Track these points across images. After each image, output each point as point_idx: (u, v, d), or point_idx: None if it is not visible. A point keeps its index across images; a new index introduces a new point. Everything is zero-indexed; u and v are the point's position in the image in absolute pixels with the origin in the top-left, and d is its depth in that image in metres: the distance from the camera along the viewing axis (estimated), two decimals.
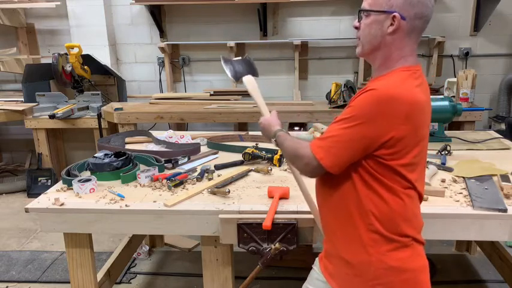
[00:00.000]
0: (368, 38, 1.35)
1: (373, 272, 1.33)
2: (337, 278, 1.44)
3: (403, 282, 1.34)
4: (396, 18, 1.28)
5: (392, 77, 1.30)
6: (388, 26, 1.30)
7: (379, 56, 1.35)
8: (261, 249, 1.73)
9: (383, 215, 1.32)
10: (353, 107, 1.27)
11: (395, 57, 1.33)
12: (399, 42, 1.31)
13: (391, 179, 1.30)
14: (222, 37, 4.58)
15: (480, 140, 2.67)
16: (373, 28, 1.33)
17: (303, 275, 2.93)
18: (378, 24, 1.31)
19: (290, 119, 3.88)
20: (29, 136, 4.48)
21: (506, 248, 2.70)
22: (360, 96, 1.27)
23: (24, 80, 4.33)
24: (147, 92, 4.74)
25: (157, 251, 3.25)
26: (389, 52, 1.33)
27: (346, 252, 1.39)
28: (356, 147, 1.27)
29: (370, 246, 1.34)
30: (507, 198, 1.81)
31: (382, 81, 1.29)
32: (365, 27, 1.35)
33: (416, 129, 1.28)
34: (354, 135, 1.26)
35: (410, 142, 1.28)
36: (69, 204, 1.88)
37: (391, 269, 1.33)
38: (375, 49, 1.35)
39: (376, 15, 1.31)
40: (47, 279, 2.93)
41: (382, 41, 1.32)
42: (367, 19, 1.34)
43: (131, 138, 2.82)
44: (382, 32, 1.31)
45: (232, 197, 1.90)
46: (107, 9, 4.51)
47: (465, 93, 3.59)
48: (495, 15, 4.28)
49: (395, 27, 1.29)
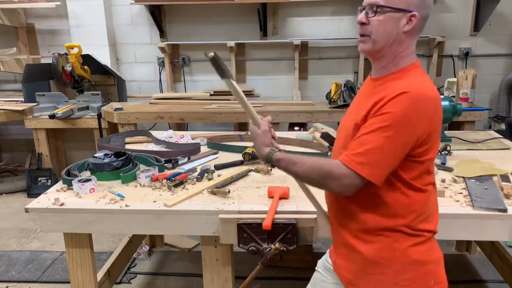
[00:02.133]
0: (382, 35, 1.31)
1: (397, 267, 1.36)
2: (360, 280, 1.42)
3: (425, 274, 1.38)
4: (415, 18, 1.29)
5: (411, 75, 1.31)
6: (404, 24, 1.30)
7: (389, 53, 1.33)
8: (261, 249, 1.73)
9: (407, 212, 1.34)
10: (390, 113, 1.22)
11: (405, 55, 1.34)
12: (410, 40, 1.33)
13: (415, 176, 1.32)
14: (222, 37, 4.58)
15: (480, 140, 2.67)
16: (388, 25, 1.30)
17: (303, 275, 2.93)
18: (394, 22, 1.30)
19: (290, 119, 3.88)
20: (29, 136, 4.49)
21: (506, 248, 2.70)
22: (394, 101, 1.23)
23: (24, 80, 4.33)
24: (147, 92, 4.74)
25: (157, 251, 3.25)
26: (400, 49, 1.33)
27: (368, 251, 1.38)
28: (400, 153, 1.26)
29: (394, 242, 1.35)
30: (507, 198, 1.81)
31: (406, 81, 1.28)
32: (379, 23, 1.31)
33: (440, 123, 1.33)
34: (398, 142, 1.23)
35: (436, 136, 1.33)
36: (69, 204, 1.88)
37: (415, 263, 1.36)
38: (386, 46, 1.32)
39: (393, 12, 1.29)
40: (47, 279, 2.93)
41: (396, 39, 1.31)
42: (381, 15, 1.30)
43: (131, 138, 2.82)
44: (398, 30, 1.30)
45: (232, 197, 1.90)
46: (107, 9, 4.51)
47: (465, 93, 3.59)
48: (495, 15, 4.28)
49: (412, 26, 1.30)
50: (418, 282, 1.38)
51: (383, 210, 1.34)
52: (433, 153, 1.34)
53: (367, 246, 1.38)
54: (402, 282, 1.36)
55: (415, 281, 1.37)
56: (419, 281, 1.38)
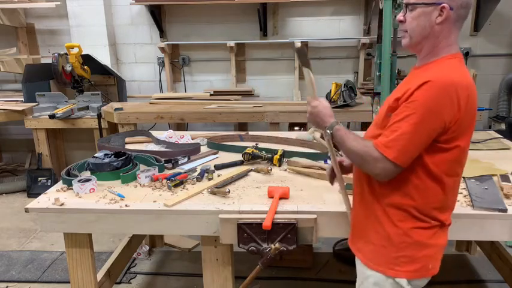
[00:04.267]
0: (417, 30, 1.39)
1: (398, 244, 1.43)
2: (363, 251, 1.54)
3: (425, 256, 1.43)
4: (445, 9, 1.34)
5: (442, 64, 1.37)
6: (436, 16, 1.35)
7: (427, 45, 1.40)
8: (261, 249, 1.73)
9: (418, 195, 1.40)
10: (417, 102, 1.29)
11: (443, 45, 1.39)
12: (447, 31, 1.38)
13: (439, 162, 1.37)
14: (222, 37, 4.58)
15: (480, 140, 2.67)
16: (421, 20, 1.38)
17: (303, 275, 2.94)
18: (426, 16, 1.37)
19: (290, 119, 3.88)
20: (29, 136, 4.49)
21: (506, 248, 2.70)
22: (420, 89, 1.29)
23: (24, 80, 4.34)
24: (147, 92, 4.74)
25: (157, 251, 3.25)
26: (438, 41, 1.39)
27: (374, 225, 1.48)
28: (426, 139, 1.32)
29: (399, 221, 1.43)
30: (507, 198, 1.81)
31: (435, 70, 1.34)
32: (412, 20, 1.40)
33: (472, 111, 1.35)
34: (423, 128, 1.30)
35: (467, 124, 1.36)
36: (69, 204, 1.88)
37: (416, 243, 1.42)
38: (423, 39, 1.40)
39: (424, 7, 1.36)
40: (47, 279, 2.93)
41: (431, 32, 1.38)
42: (413, 12, 1.39)
43: (131, 138, 2.82)
44: (431, 23, 1.36)
45: (232, 197, 1.90)
46: (107, 9, 4.51)
47: None
48: (495, 15, 4.28)
49: (444, 17, 1.35)
50: (417, 262, 1.44)
51: (394, 185, 1.41)
52: (463, 141, 1.37)
53: (374, 221, 1.47)
54: (401, 258, 1.44)
55: (414, 260, 1.43)
56: (418, 261, 1.44)
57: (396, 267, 1.45)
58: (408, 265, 1.44)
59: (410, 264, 1.44)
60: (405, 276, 1.44)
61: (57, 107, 4.27)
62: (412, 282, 1.45)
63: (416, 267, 1.44)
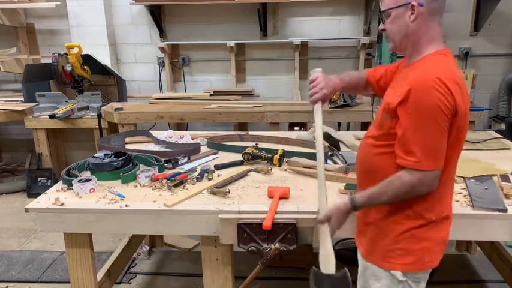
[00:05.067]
0: (396, 32, 1.45)
1: (393, 237, 1.46)
2: (363, 243, 1.59)
3: (421, 250, 1.45)
4: (415, 7, 1.38)
5: (427, 62, 1.40)
6: (409, 15, 1.40)
7: (409, 44, 1.45)
8: (261, 249, 1.73)
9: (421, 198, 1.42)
10: (417, 109, 1.31)
11: (425, 41, 1.42)
12: (424, 27, 1.41)
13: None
14: (222, 37, 4.58)
15: (480, 140, 2.67)
16: (397, 22, 1.43)
17: (303, 275, 2.93)
18: (400, 17, 1.42)
19: (290, 119, 3.88)
20: (29, 136, 4.49)
21: (506, 248, 2.70)
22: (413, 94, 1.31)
23: (24, 80, 4.34)
24: (147, 92, 4.74)
25: (157, 251, 3.25)
26: (418, 38, 1.42)
27: (372, 219, 1.52)
28: (446, 135, 1.34)
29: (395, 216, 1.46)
30: (507, 198, 1.81)
31: (420, 70, 1.36)
32: (390, 25, 1.46)
33: (463, 106, 1.34)
34: (441, 125, 1.32)
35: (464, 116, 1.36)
36: (69, 204, 1.88)
37: (411, 236, 1.45)
38: (403, 39, 1.45)
39: (396, 10, 1.42)
40: (47, 279, 2.93)
41: (408, 30, 1.42)
42: (389, 18, 1.45)
43: (131, 138, 2.82)
44: (406, 23, 1.41)
45: (232, 197, 1.90)
46: (107, 9, 4.51)
47: None
48: (495, 15, 4.28)
49: (416, 15, 1.39)
50: (412, 254, 1.45)
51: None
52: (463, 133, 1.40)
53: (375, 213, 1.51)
54: (396, 251, 1.46)
55: (409, 252, 1.45)
56: (413, 254, 1.45)
57: (392, 260, 1.47)
58: (403, 258, 1.46)
59: (405, 257, 1.46)
60: (400, 268, 1.47)
61: (57, 107, 4.27)
62: (408, 275, 1.47)
63: (412, 260, 1.45)
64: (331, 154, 2.38)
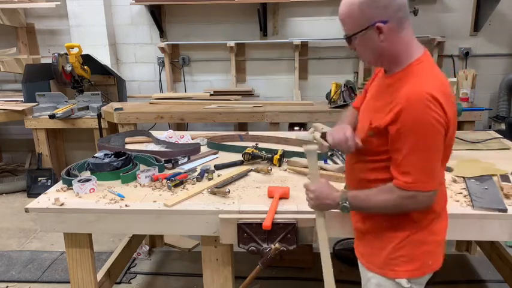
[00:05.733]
0: (368, 54, 1.39)
1: (395, 244, 1.44)
2: (364, 254, 1.54)
3: (424, 253, 1.44)
4: (382, 27, 1.30)
5: (412, 75, 1.33)
6: (377, 36, 1.32)
7: (386, 60, 1.39)
8: (261, 249, 1.73)
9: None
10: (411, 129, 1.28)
11: (402, 52, 1.36)
12: (397, 39, 1.34)
13: None
14: (222, 37, 4.58)
15: (480, 140, 2.67)
16: (366, 45, 1.36)
17: (303, 275, 2.93)
18: (368, 40, 1.34)
19: (290, 119, 3.88)
20: (29, 136, 4.49)
21: (506, 248, 2.70)
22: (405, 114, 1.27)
23: (24, 80, 4.34)
24: (147, 92, 4.74)
25: (157, 251, 3.25)
26: (393, 52, 1.36)
27: (371, 228, 1.50)
28: (440, 153, 1.33)
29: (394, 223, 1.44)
30: (507, 198, 1.81)
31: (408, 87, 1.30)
32: (358, 47, 1.38)
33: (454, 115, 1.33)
34: (435, 145, 1.30)
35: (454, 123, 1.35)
36: (69, 204, 1.88)
37: (413, 242, 1.43)
38: (378, 58, 1.39)
39: (361, 35, 1.33)
40: (47, 279, 2.93)
41: (382, 50, 1.35)
42: (355, 41, 1.37)
43: (131, 138, 2.82)
44: (376, 43, 1.34)
45: (232, 197, 1.90)
46: (107, 9, 4.51)
47: (465, 93, 3.59)
48: (495, 15, 4.28)
49: (384, 34, 1.31)
50: (416, 260, 1.44)
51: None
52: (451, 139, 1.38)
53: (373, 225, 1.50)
54: (400, 258, 1.44)
55: (413, 258, 1.44)
56: (417, 259, 1.44)
57: (395, 268, 1.45)
58: (407, 264, 1.44)
59: (409, 264, 1.44)
60: (405, 275, 1.44)
61: (57, 107, 4.27)
62: (413, 280, 1.45)
63: (416, 265, 1.44)
64: (331, 154, 2.38)
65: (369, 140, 1.41)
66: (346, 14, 1.35)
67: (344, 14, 1.36)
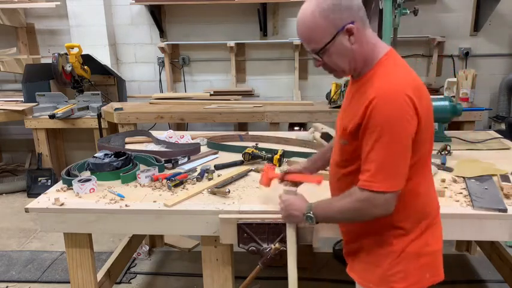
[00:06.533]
0: (340, 63, 1.33)
1: (390, 260, 1.38)
2: (357, 271, 1.50)
3: (421, 267, 1.40)
4: (351, 28, 1.27)
5: (380, 71, 1.30)
6: (347, 40, 1.29)
7: (359, 64, 1.34)
8: (261, 249, 1.73)
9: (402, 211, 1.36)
10: (378, 125, 1.24)
11: (371, 52, 1.32)
12: (364, 38, 1.31)
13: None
14: (222, 37, 4.58)
15: (480, 140, 2.67)
16: (336, 54, 1.31)
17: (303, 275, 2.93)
18: (340, 46, 1.30)
19: (290, 119, 3.88)
20: (29, 136, 4.49)
21: (506, 248, 2.70)
22: (373, 109, 1.24)
23: (24, 80, 4.34)
24: (147, 92, 4.74)
25: (157, 251, 3.25)
26: (364, 53, 1.32)
27: (364, 245, 1.45)
28: (407, 154, 1.27)
29: (388, 238, 1.39)
30: (507, 198, 1.81)
31: (378, 82, 1.28)
32: (330, 60, 1.33)
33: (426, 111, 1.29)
34: (400, 144, 1.25)
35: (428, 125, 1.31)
36: (69, 204, 1.88)
37: (408, 256, 1.38)
38: (351, 64, 1.33)
39: (331, 44, 1.29)
40: (47, 279, 2.93)
41: (353, 53, 1.31)
42: (326, 54, 1.31)
43: (131, 138, 2.82)
44: (347, 48, 1.30)
45: (232, 197, 1.90)
46: (107, 9, 4.51)
47: (465, 93, 3.58)
48: (495, 15, 4.28)
49: (354, 35, 1.28)
50: (413, 274, 1.39)
51: None
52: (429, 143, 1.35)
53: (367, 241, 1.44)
54: (397, 274, 1.39)
55: (410, 273, 1.39)
56: (414, 274, 1.39)
57: (392, 284, 1.39)
58: (404, 280, 1.39)
59: (405, 280, 1.39)
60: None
61: (57, 107, 4.27)
62: None
63: (412, 280, 1.39)
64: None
65: (344, 149, 1.39)
66: (309, 29, 1.29)
67: (307, 29, 1.30)
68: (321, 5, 1.26)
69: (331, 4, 1.26)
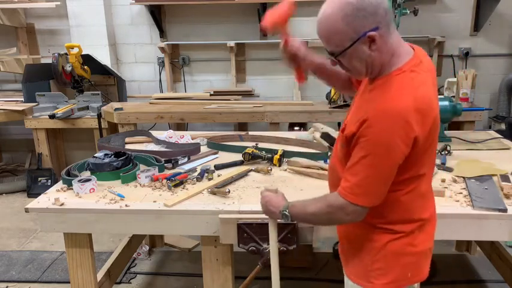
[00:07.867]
0: (358, 67, 1.30)
1: (373, 254, 1.40)
2: (347, 264, 1.52)
3: (403, 266, 1.40)
4: (374, 35, 1.22)
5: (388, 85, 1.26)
6: (368, 46, 1.24)
7: (376, 69, 1.30)
8: (261, 249, 1.73)
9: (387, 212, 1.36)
10: (369, 141, 1.23)
11: (390, 58, 1.28)
12: (385, 45, 1.26)
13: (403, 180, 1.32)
14: (222, 37, 4.58)
15: (480, 140, 2.67)
16: (354, 59, 1.28)
17: (303, 275, 2.94)
18: (358, 52, 1.25)
19: (290, 119, 3.88)
20: (29, 136, 4.49)
21: (506, 248, 2.70)
22: (369, 125, 1.22)
23: (24, 80, 4.34)
24: (147, 92, 4.74)
25: (157, 251, 3.25)
26: (382, 59, 1.28)
27: (351, 239, 1.47)
28: (389, 175, 1.28)
29: (372, 235, 1.40)
30: (507, 198, 1.81)
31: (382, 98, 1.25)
32: (348, 62, 1.30)
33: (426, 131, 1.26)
34: (382, 167, 1.25)
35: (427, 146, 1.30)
36: (69, 204, 1.88)
37: (390, 253, 1.39)
38: (368, 69, 1.30)
39: (351, 48, 1.24)
40: (47, 279, 2.93)
41: (372, 60, 1.27)
42: (344, 56, 1.28)
43: (131, 138, 2.82)
44: (367, 54, 1.25)
45: (232, 197, 1.90)
46: (107, 9, 4.51)
47: (465, 93, 3.59)
48: (495, 15, 4.28)
49: (376, 42, 1.23)
50: (393, 272, 1.40)
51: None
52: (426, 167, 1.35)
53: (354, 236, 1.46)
54: (376, 270, 1.40)
55: (390, 271, 1.40)
56: (394, 272, 1.40)
57: (372, 280, 1.41)
58: (382, 277, 1.39)
59: (385, 276, 1.39)
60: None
61: (57, 107, 4.27)
62: None
63: (392, 278, 1.39)
64: (331, 154, 2.38)
65: (341, 151, 1.39)
66: (329, 32, 1.25)
67: (326, 32, 1.26)
68: (345, 10, 1.20)
69: (355, 9, 1.19)
